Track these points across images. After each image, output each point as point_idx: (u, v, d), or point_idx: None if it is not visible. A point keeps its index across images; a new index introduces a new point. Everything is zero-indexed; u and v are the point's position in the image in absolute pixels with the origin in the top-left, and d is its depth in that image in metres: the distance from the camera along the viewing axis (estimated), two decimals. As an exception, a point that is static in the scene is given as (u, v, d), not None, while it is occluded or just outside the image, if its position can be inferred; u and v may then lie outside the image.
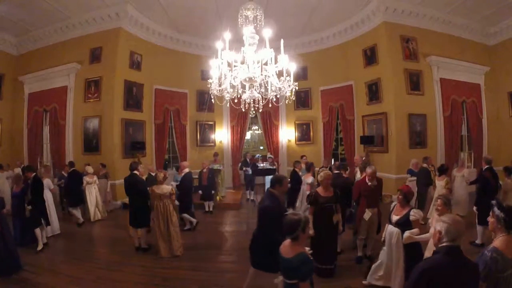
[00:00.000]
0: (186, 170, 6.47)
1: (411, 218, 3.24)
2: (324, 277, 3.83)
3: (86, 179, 7.02)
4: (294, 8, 8.25)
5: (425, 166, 6.68)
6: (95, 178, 7.22)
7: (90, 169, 7.23)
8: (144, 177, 5.98)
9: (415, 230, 3.14)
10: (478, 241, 4.82)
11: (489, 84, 9.40)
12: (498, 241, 2.01)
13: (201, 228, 6.36)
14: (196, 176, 7.58)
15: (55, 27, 8.74)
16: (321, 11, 8.55)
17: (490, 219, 2.12)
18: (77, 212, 6.70)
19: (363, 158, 8.69)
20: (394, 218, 3.45)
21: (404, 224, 3.28)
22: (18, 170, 7.95)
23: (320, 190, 4.03)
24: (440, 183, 5.81)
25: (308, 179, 6.21)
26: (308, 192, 5.00)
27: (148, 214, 5.15)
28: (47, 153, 9.52)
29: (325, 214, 3.86)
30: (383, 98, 8.66)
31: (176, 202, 5.49)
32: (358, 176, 6.11)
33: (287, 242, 2.31)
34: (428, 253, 2.99)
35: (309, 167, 6.51)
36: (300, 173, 6.80)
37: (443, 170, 5.92)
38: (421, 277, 1.75)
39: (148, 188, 5.11)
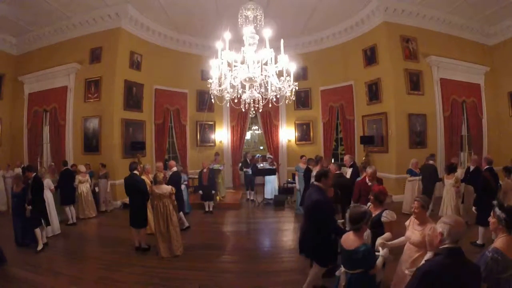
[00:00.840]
0: (174, 169, 6.49)
1: (383, 219, 3.11)
2: (325, 277, 3.82)
3: (78, 177, 7.06)
4: (294, 8, 8.24)
5: (431, 163, 6.64)
6: (87, 177, 7.26)
7: (82, 168, 7.28)
8: (151, 176, 6.00)
9: (387, 235, 2.95)
10: (479, 242, 4.81)
11: (489, 84, 9.40)
12: (499, 242, 2.00)
13: (201, 228, 6.36)
14: (186, 177, 7.66)
15: (55, 27, 8.74)
16: (321, 11, 8.54)
17: (491, 219, 2.12)
18: (68, 212, 6.67)
19: (363, 158, 8.70)
20: None
21: (374, 225, 3.13)
22: (18, 170, 7.94)
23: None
24: (449, 182, 5.79)
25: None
26: None
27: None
28: (47, 153, 9.51)
29: None
30: (383, 98, 8.66)
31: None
32: (348, 176, 6.10)
33: (349, 234, 2.36)
34: (405, 256, 2.86)
35: (318, 161, 6.59)
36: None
37: (452, 169, 5.89)
38: (423, 279, 1.74)
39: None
